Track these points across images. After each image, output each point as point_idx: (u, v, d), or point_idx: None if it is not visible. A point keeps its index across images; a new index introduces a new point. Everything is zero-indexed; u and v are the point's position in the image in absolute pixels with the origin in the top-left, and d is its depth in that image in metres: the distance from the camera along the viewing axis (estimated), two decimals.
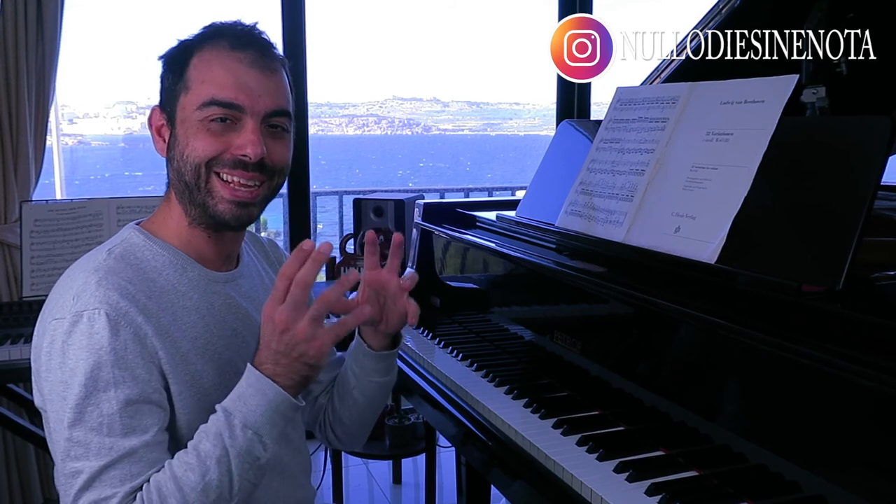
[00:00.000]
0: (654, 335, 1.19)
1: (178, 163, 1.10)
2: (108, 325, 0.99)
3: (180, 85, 1.09)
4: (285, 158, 1.14)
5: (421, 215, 1.99)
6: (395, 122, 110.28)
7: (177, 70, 1.10)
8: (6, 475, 2.53)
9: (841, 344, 0.89)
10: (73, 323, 1.00)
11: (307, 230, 2.98)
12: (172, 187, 1.14)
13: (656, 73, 1.87)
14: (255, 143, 1.07)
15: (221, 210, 1.10)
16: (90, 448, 0.98)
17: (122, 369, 1.00)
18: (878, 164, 1.02)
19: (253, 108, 1.08)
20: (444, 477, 3.00)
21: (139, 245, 1.11)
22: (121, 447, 0.98)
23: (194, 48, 1.10)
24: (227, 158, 1.08)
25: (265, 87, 1.09)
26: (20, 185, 2.42)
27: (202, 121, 1.07)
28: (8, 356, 1.92)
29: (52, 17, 2.38)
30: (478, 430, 1.31)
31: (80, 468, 0.97)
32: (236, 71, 1.07)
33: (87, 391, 0.98)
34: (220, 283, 1.16)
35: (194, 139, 1.08)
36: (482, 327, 1.69)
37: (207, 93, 1.07)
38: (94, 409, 0.98)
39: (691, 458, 1.08)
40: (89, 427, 0.98)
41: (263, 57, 1.10)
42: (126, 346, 1.00)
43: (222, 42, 1.09)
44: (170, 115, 1.11)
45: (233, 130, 1.08)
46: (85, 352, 0.99)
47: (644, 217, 1.30)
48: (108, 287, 1.02)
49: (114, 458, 0.98)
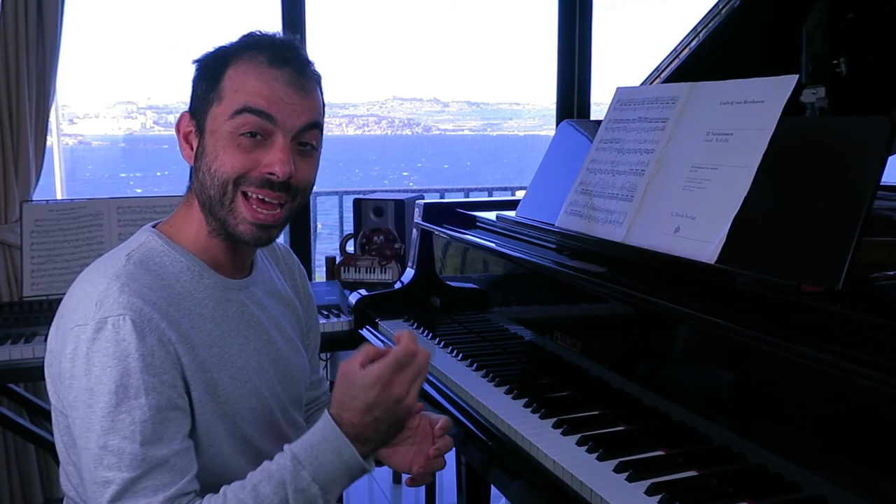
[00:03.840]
0: (654, 335, 1.19)
1: (204, 174, 1.09)
2: (135, 331, 0.99)
3: (213, 94, 1.08)
4: (310, 178, 1.14)
5: (421, 215, 1.99)
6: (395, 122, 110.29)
7: (211, 78, 1.09)
8: (6, 475, 2.53)
9: (840, 344, 0.89)
10: (98, 329, 0.99)
11: (307, 230, 2.98)
12: (195, 195, 1.13)
13: (656, 73, 1.87)
14: (283, 161, 1.07)
15: (242, 231, 1.09)
16: (123, 457, 0.97)
17: (150, 375, 0.99)
18: (878, 164, 1.02)
19: (285, 124, 1.07)
20: (444, 477, 3.00)
21: (158, 250, 1.11)
22: (153, 457, 0.98)
23: (231, 58, 1.09)
24: (255, 177, 1.07)
25: (299, 105, 1.08)
26: (20, 185, 2.42)
27: (233, 133, 1.06)
28: (8, 356, 1.92)
29: (52, 17, 2.38)
30: (478, 430, 1.31)
31: (111, 478, 0.97)
32: (272, 86, 1.07)
33: (119, 399, 0.98)
34: (234, 291, 1.16)
35: (224, 153, 1.07)
36: (482, 327, 1.69)
37: (240, 101, 1.06)
38: (126, 417, 0.98)
39: (691, 457, 1.08)
40: (122, 435, 0.98)
41: (301, 76, 1.09)
42: (153, 352, 1.00)
43: (261, 56, 1.08)
44: (199, 123, 1.10)
45: (262, 147, 1.07)
46: (112, 359, 0.98)
47: (644, 217, 1.30)
48: (130, 293, 1.01)
49: (146, 468, 0.98)
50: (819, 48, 1.58)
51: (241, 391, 1.12)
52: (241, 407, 1.12)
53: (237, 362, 1.13)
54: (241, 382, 1.12)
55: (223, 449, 1.10)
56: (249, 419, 1.13)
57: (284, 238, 3.01)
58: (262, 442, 1.16)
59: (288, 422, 1.23)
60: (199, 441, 1.07)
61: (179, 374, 1.04)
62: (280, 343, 1.22)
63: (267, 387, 1.17)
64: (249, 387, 1.14)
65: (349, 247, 2.55)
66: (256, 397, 1.15)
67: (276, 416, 1.19)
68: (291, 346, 1.26)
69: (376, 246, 2.46)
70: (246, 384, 1.13)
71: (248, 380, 1.14)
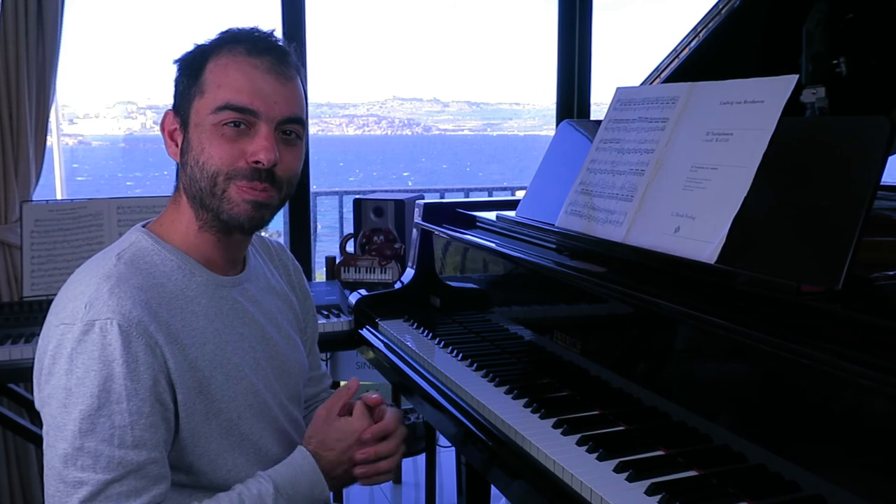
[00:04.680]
0: (654, 335, 1.19)
1: (192, 168, 1.09)
2: (121, 337, 0.99)
3: (195, 89, 1.09)
4: (295, 167, 1.14)
5: (421, 215, 1.99)
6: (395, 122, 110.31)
7: (192, 74, 1.10)
8: (6, 475, 2.53)
9: (840, 344, 0.89)
10: (84, 332, 0.99)
11: (307, 230, 2.98)
12: (184, 191, 1.13)
13: (656, 73, 1.87)
14: (268, 149, 1.07)
15: (237, 212, 1.10)
16: (99, 460, 0.98)
17: (134, 381, 1.00)
18: (878, 164, 1.02)
19: (268, 113, 1.08)
20: (444, 477, 3.01)
21: (148, 249, 1.11)
22: (129, 462, 0.98)
23: (211, 52, 1.10)
24: (242, 167, 1.08)
25: (281, 93, 1.09)
26: (20, 185, 2.42)
27: (216, 125, 1.07)
28: (8, 356, 1.92)
29: (53, 17, 2.38)
30: (478, 430, 1.31)
31: (85, 479, 0.97)
32: (252, 76, 1.08)
33: (101, 402, 0.98)
34: (227, 288, 1.16)
35: (209, 146, 1.08)
36: (482, 327, 1.69)
37: (223, 97, 1.07)
38: (106, 421, 0.98)
39: (691, 457, 1.08)
40: (101, 438, 0.98)
41: (280, 64, 1.10)
42: (138, 358, 1.00)
43: (239, 48, 1.09)
44: (183, 118, 1.11)
45: (246, 136, 1.08)
46: (97, 363, 0.98)
47: (644, 217, 1.30)
48: (120, 295, 1.02)
49: (121, 472, 0.98)
50: (819, 48, 1.59)
51: (236, 388, 1.12)
52: (237, 404, 1.12)
53: (232, 359, 1.13)
54: (236, 380, 1.12)
55: (211, 448, 1.10)
56: (247, 416, 1.14)
57: (284, 238, 3.01)
58: (261, 438, 1.16)
59: (287, 417, 1.23)
60: (184, 443, 1.07)
61: (165, 378, 1.04)
62: (276, 339, 1.22)
63: (263, 383, 1.17)
64: (245, 384, 1.14)
65: (349, 247, 2.55)
66: (253, 394, 1.15)
67: (275, 412, 1.19)
68: (288, 342, 1.26)
69: (376, 246, 2.46)
70: (241, 381, 1.13)
71: (243, 377, 1.13)
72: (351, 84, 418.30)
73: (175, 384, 1.05)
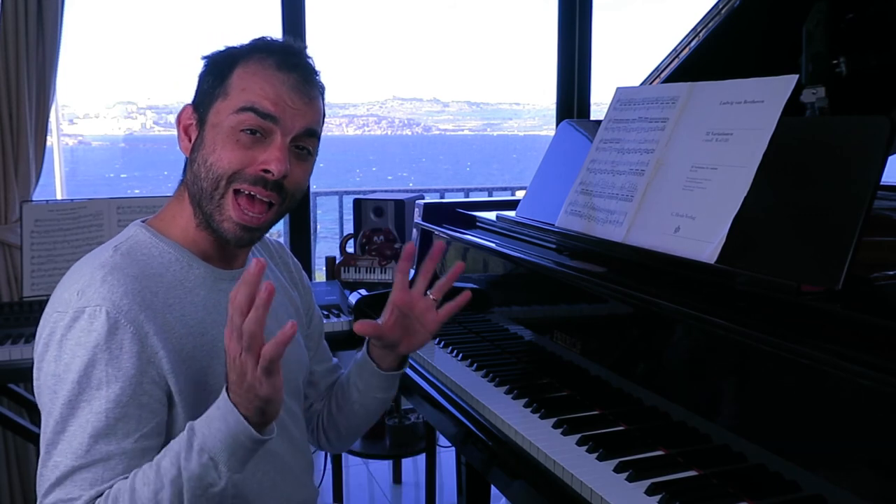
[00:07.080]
0: (654, 335, 1.19)
1: (199, 166, 1.10)
2: (108, 323, 1.00)
3: (220, 90, 1.10)
4: (303, 182, 1.15)
5: (421, 215, 1.99)
6: (395, 122, 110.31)
7: (218, 74, 1.11)
8: (6, 475, 2.53)
9: (840, 344, 0.89)
10: (74, 318, 1.00)
11: (307, 230, 2.98)
12: (186, 186, 1.14)
13: (656, 73, 1.87)
14: (280, 160, 1.08)
15: (225, 229, 1.10)
16: (72, 444, 0.98)
17: (115, 368, 1.00)
18: (878, 164, 1.02)
19: (286, 125, 1.09)
20: (444, 477, 3.01)
21: (145, 242, 1.12)
22: (98, 450, 0.98)
23: (241, 57, 1.11)
24: (250, 173, 1.08)
25: (301, 110, 1.10)
26: (20, 185, 2.42)
27: (234, 127, 1.07)
28: (8, 356, 1.92)
29: (53, 17, 2.38)
30: (478, 430, 1.31)
31: (59, 462, 0.99)
32: (278, 89, 1.09)
33: (81, 388, 0.99)
34: (226, 282, 1.16)
35: (222, 147, 1.08)
36: (482, 327, 1.69)
37: (246, 100, 1.07)
38: (85, 406, 0.99)
39: (691, 457, 1.08)
40: (79, 423, 0.99)
41: (305, 83, 1.11)
42: (122, 346, 1.01)
43: (270, 60, 1.10)
44: (201, 116, 1.11)
45: (260, 145, 1.08)
46: (81, 348, 0.99)
47: (644, 217, 1.30)
48: (112, 283, 1.02)
49: (89, 460, 0.98)
50: (819, 48, 1.58)
51: None
52: None
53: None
54: None
55: None
56: None
57: (284, 238, 3.01)
58: None
59: (286, 411, 1.23)
60: (178, 432, 1.06)
61: (154, 368, 1.03)
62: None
63: None
64: None
65: (349, 247, 2.55)
66: None
67: None
68: None
69: (376, 246, 2.46)
70: None
71: None
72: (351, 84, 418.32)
73: (167, 375, 1.05)
